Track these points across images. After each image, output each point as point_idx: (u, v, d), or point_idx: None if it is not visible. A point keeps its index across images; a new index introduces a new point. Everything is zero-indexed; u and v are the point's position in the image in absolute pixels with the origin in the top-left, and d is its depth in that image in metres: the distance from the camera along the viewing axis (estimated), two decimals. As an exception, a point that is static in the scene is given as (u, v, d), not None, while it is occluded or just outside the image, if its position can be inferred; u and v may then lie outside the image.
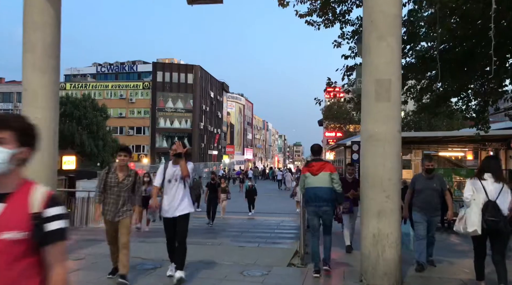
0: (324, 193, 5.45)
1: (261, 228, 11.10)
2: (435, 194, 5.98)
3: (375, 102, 5.08)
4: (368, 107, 5.28)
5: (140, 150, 56.23)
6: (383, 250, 4.95)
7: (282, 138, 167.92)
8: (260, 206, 19.60)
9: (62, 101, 43.94)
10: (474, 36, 7.03)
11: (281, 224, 12.58)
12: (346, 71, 8.83)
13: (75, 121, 43.00)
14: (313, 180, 5.56)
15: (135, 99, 56.57)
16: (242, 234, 9.38)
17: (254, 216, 15.99)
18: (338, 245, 6.96)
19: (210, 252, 6.63)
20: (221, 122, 70.18)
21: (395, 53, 5.10)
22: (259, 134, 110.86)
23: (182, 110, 55.96)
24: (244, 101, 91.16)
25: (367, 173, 5.33)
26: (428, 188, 5.97)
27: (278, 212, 16.11)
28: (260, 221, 13.29)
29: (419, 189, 6.03)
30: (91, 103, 44.61)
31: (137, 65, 71.83)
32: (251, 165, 79.69)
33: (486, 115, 10.70)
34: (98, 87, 58.12)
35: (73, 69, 69.75)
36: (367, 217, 5.24)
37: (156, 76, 55.60)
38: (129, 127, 56.07)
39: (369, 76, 5.26)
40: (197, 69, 57.18)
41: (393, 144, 5.22)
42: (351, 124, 60.45)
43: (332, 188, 5.48)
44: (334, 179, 5.51)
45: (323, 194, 5.45)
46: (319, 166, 5.61)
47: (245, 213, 15.76)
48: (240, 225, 12.06)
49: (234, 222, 13.14)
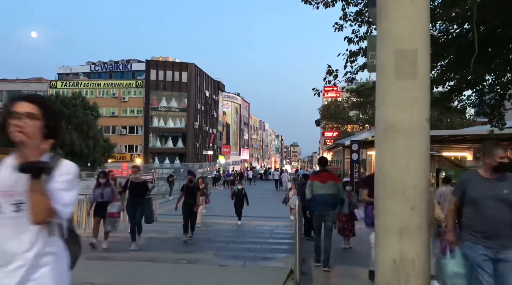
0: (330, 199, 6.42)
1: (251, 236, 9.79)
2: (506, 208, 3.38)
3: (395, 81, 3.71)
4: (386, 88, 3.89)
5: (133, 150, 54.82)
6: (406, 280, 3.62)
7: (279, 138, 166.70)
8: (253, 209, 18.33)
9: (51, 99, 42.52)
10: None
11: (275, 231, 11.31)
12: (349, 57, 7.54)
13: (64, 120, 41.53)
14: (321, 188, 6.44)
15: (128, 98, 55.13)
16: (229, 246, 8.07)
17: (247, 221, 14.71)
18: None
19: (182, 274, 5.32)
20: (216, 122, 68.82)
21: (423, 13, 3.74)
22: (255, 134, 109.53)
23: (176, 109, 54.57)
24: (241, 100, 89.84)
25: (384, 177, 3.95)
26: (492, 197, 3.42)
27: (272, 216, 14.89)
28: (252, 227, 11.98)
29: (475, 198, 3.50)
30: (82, 102, 43.19)
31: (131, 64, 70.49)
32: (247, 165, 78.41)
33: (501, 111, 9.51)
34: (90, 85, 56.64)
35: (65, 67, 68.20)
36: (385, 236, 3.87)
37: (150, 75, 54.20)
38: (122, 126, 54.63)
39: (387, 47, 3.87)
40: (192, 67, 55.81)
41: (420, 136, 3.84)
42: (349, 124, 59.35)
43: (336, 195, 6.47)
44: (339, 188, 6.59)
45: (329, 200, 6.41)
46: (326, 176, 6.61)
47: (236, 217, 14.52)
48: (228, 233, 10.68)
49: (222, 228, 11.77)
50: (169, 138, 55.04)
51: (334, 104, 60.98)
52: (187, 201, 9.45)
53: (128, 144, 54.80)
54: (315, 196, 6.46)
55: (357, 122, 57.66)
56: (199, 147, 57.89)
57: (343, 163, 34.76)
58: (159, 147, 54.78)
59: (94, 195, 8.41)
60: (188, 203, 9.43)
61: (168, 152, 53.92)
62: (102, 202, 8.22)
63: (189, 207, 9.40)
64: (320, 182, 6.48)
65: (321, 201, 6.39)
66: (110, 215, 7.95)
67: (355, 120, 57.53)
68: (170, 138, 54.94)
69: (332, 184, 6.49)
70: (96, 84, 56.73)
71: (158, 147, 54.79)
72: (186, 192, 9.57)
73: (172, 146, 54.97)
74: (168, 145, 55.00)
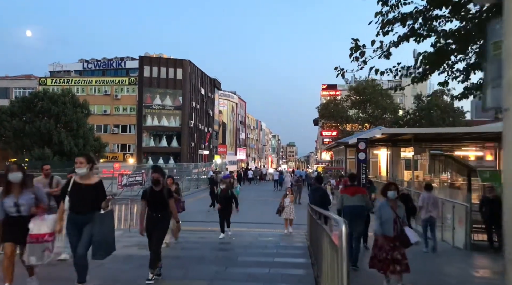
0: (358, 210, 7.37)
1: (254, 253, 8.03)
2: None
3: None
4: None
5: (126, 150, 52.92)
6: None
7: (275, 138, 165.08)
8: (253, 214, 16.61)
9: (38, 96, 40.60)
10: None
11: (281, 243, 9.59)
12: (382, 26, 5.82)
13: (53, 118, 39.63)
14: (350, 200, 7.39)
15: (121, 96, 53.17)
16: (227, 270, 6.27)
17: (246, 228, 12.95)
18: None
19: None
20: (212, 120, 67.00)
21: None
22: (252, 134, 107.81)
23: (171, 107, 52.69)
24: (237, 99, 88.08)
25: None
26: None
27: (275, 223, 13.10)
28: (253, 239, 10.18)
29: None
30: (71, 99, 41.24)
31: (125, 61, 68.68)
32: (243, 165, 76.67)
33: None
34: (81, 83, 54.63)
35: (56, 65, 66.24)
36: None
37: (143, 71, 52.27)
38: (114, 125, 52.68)
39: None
40: (187, 64, 53.95)
41: None
42: (348, 123, 57.79)
43: (363, 206, 7.48)
44: (366, 200, 7.60)
45: (358, 210, 7.35)
46: (354, 190, 7.56)
47: (239, 223, 12.76)
48: (225, 248, 8.88)
49: (217, 240, 9.98)
50: (163, 137, 53.13)
51: (333, 102, 59.45)
52: (151, 216, 5.90)
53: (120, 143, 52.89)
54: (345, 207, 7.43)
55: (357, 121, 56.16)
56: (194, 147, 56.05)
57: (345, 162, 33.19)
58: (152, 146, 52.89)
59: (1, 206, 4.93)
60: (154, 218, 5.84)
61: (162, 152, 52.04)
62: (16, 217, 4.90)
63: (157, 224, 5.84)
64: (349, 194, 7.49)
65: (350, 211, 7.30)
66: (34, 237, 4.84)
67: (355, 119, 56.01)
68: (164, 138, 53.04)
69: (359, 196, 7.49)
70: (87, 81, 54.74)
71: (152, 146, 52.89)
72: (150, 199, 5.93)
73: (166, 145, 53.06)
74: (162, 144, 53.09)
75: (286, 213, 11.88)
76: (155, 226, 5.82)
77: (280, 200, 12.34)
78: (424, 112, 49.53)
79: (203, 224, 13.86)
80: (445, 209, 11.25)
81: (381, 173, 23.78)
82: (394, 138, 20.62)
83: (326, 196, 9.14)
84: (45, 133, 38.90)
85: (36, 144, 38.76)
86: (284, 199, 12.15)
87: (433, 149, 22.57)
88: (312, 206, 7.68)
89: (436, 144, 23.22)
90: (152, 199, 5.89)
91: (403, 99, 68.65)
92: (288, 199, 12.08)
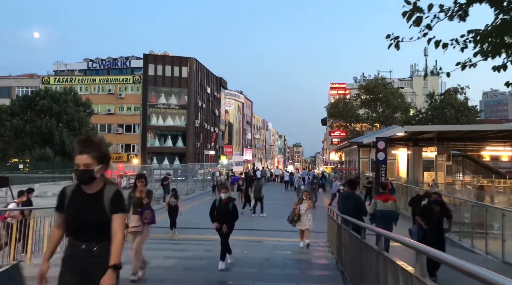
0: (390, 214, 8.33)
1: (272, 277, 6.45)
2: None
3: None
4: None
5: (130, 150, 51.67)
6: None
7: (282, 138, 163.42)
8: (266, 220, 15.13)
9: (40, 94, 39.45)
10: None
11: (303, 259, 8.07)
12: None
13: (54, 117, 38.47)
14: (382, 205, 8.37)
15: (125, 95, 51.91)
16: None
17: (258, 237, 11.47)
18: None
19: None
20: (218, 120, 65.63)
21: None
22: (258, 134, 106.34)
23: (176, 106, 51.34)
24: (243, 99, 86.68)
25: None
26: None
27: (290, 230, 11.04)
28: (267, 254, 8.53)
29: None
30: (73, 97, 40.11)
31: (130, 60, 67.37)
32: (249, 166, 75.20)
33: None
34: (84, 81, 53.46)
35: (60, 63, 65.01)
36: None
37: (148, 70, 50.98)
38: (118, 124, 51.43)
39: None
40: (192, 62, 52.58)
41: None
42: (358, 123, 56.08)
43: (394, 211, 8.45)
44: (397, 206, 8.72)
45: (390, 215, 8.31)
46: (387, 197, 8.62)
47: (250, 230, 11.23)
48: (234, 271, 6.88)
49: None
50: (168, 137, 51.76)
51: (342, 101, 57.74)
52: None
53: (124, 143, 51.64)
54: (377, 211, 8.23)
55: (367, 120, 54.44)
56: (200, 147, 54.67)
57: (358, 163, 31.64)
58: (157, 147, 51.56)
59: None
60: None
61: (167, 152, 50.69)
62: None
63: None
64: (382, 201, 8.37)
65: (382, 216, 8.13)
66: None
67: (365, 119, 54.29)
68: (169, 138, 51.67)
69: (391, 203, 8.42)
70: (91, 80, 53.56)
71: (157, 146, 51.56)
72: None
73: (171, 145, 51.69)
74: (167, 144, 51.71)
75: (302, 222, 9.74)
76: None
77: (293, 206, 10.16)
78: (437, 111, 47.78)
79: (211, 232, 12.38)
80: (489, 216, 9.73)
81: (399, 174, 22.19)
82: (416, 137, 19.08)
83: (361, 204, 7.63)
84: (46, 132, 37.76)
85: (37, 143, 37.60)
86: (299, 205, 9.91)
87: (456, 148, 21.00)
88: (347, 218, 6.17)
89: (460, 143, 21.67)
90: None
91: (414, 98, 66.88)
92: (305, 205, 9.84)
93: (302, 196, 10.27)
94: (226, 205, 7.24)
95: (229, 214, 7.21)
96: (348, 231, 6.00)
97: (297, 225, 9.80)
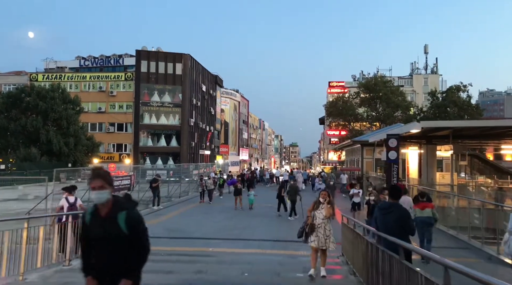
0: (428, 220, 8.98)
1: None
2: None
3: None
4: None
5: (122, 149, 49.75)
6: None
7: (278, 138, 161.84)
8: (266, 227, 13.36)
9: (25, 91, 37.47)
10: None
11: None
12: None
13: (41, 115, 36.50)
14: (420, 213, 9.05)
15: (116, 92, 50.00)
16: None
17: (260, 249, 9.73)
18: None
19: None
20: (214, 119, 63.81)
21: None
22: (255, 133, 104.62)
23: (170, 104, 49.47)
24: (240, 97, 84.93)
25: None
26: None
27: (295, 240, 8.75)
28: (271, 279, 6.86)
29: None
30: (61, 94, 38.15)
31: (123, 58, 65.42)
32: (246, 166, 73.45)
33: None
34: (74, 78, 51.46)
35: (50, 61, 62.89)
36: None
37: (140, 66, 49.07)
38: (110, 123, 49.48)
39: None
40: (187, 58, 50.73)
41: None
42: (357, 122, 54.47)
43: (430, 217, 9.01)
44: (434, 212, 9.13)
45: (427, 221, 8.97)
46: (424, 205, 9.13)
47: (250, 240, 9.46)
48: None
49: (221, 278, 6.70)
50: (162, 136, 49.85)
51: (341, 100, 56.12)
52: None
53: (116, 143, 49.75)
54: (416, 218, 8.86)
55: (366, 119, 52.89)
56: (195, 146, 52.81)
57: (362, 163, 29.96)
58: (150, 146, 49.65)
59: None
60: None
61: (160, 152, 48.79)
62: None
63: None
64: (420, 209, 9.13)
65: (421, 221, 8.92)
66: None
67: (365, 117, 52.75)
68: (163, 137, 49.76)
69: (429, 210, 9.09)
70: (81, 77, 51.58)
71: (150, 146, 49.66)
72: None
73: (165, 144, 49.78)
74: (161, 143, 49.81)
75: (318, 238, 6.91)
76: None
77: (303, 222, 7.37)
78: (440, 109, 46.27)
79: (204, 242, 10.62)
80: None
81: (410, 175, 20.49)
82: (429, 135, 17.40)
83: (407, 219, 5.33)
84: (32, 131, 35.82)
85: (22, 143, 35.63)
86: (313, 211, 7.12)
87: (472, 146, 19.35)
88: (395, 241, 4.36)
89: (475, 141, 20.07)
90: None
91: (414, 96, 65.45)
92: (323, 212, 7.05)
93: (319, 198, 7.29)
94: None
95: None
96: (394, 257, 4.26)
97: (310, 241, 7.01)
